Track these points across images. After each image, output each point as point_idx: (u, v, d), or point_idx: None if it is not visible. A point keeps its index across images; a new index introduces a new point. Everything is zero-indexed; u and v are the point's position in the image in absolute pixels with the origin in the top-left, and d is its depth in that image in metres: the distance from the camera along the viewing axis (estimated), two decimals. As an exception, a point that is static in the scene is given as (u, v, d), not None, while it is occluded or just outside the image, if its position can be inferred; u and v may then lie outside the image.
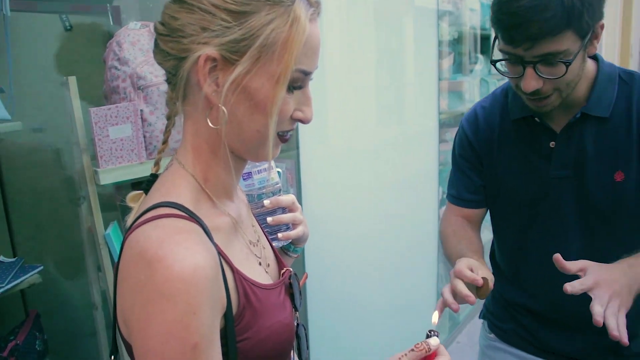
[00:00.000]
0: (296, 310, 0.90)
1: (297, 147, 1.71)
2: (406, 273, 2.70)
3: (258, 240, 0.88)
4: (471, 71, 3.76)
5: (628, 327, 1.23)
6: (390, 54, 2.41)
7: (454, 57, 3.48)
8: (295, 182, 1.71)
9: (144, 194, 0.80)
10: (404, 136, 2.54)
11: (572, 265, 1.05)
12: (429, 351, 0.78)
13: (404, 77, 2.55)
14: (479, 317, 1.57)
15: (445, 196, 1.48)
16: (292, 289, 0.89)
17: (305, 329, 0.94)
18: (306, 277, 1.01)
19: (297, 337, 0.90)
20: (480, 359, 1.53)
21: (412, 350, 0.78)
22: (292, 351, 0.88)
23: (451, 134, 3.49)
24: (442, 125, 2.97)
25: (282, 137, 0.77)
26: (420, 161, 2.75)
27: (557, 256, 1.05)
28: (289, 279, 0.89)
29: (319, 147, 1.89)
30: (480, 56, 3.95)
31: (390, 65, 2.40)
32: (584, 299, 1.21)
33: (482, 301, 1.59)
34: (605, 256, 1.16)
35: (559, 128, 1.18)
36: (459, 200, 1.39)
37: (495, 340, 1.46)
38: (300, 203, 1.81)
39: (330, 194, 1.99)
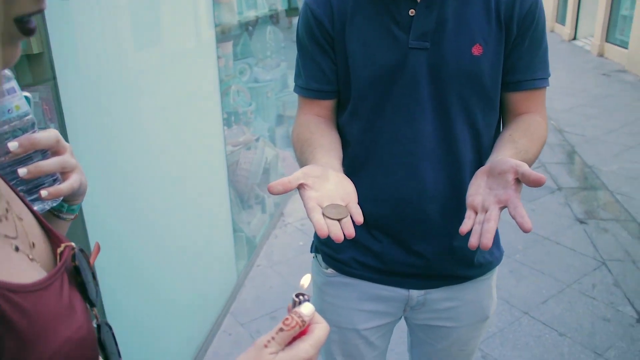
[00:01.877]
0: (92, 305, 0.61)
1: (53, 72, 1.30)
2: (199, 203, 2.46)
3: (7, 210, 0.56)
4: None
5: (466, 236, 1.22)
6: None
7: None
8: (56, 116, 1.31)
9: None
10: (177, 54, 2.21)
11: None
12: (303, 325, 0.57)
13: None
14: (311, 252, 1.41)
15: (294, 89, 1.29)
16: (79, 274, 0.59)
17: (111, 329, 0.65)
18: (98, 250, 0.70)
19: (101, 346, 0.61)
20: (318, 300, 1.37)
21: (281, 329, 0.57)
22: None
23: (222, 49, 3.23)
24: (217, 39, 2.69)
25: (23, 24, 0.43)
26: (199, 79, 2.46)
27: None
28: (73, 260, 0.59)
29: (78, 73, 1.49)
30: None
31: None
32: (431, 196, 1.15)
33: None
34: (458, 141, 1.15)
35: None
36: (307, 90, 1.25)
37: (334, 275, 1.32)
38: (66, 141, 1.43)
39: (103, 130, 1.62)
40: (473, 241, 0.91)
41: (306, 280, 0.63)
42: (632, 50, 9.01)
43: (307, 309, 0.59)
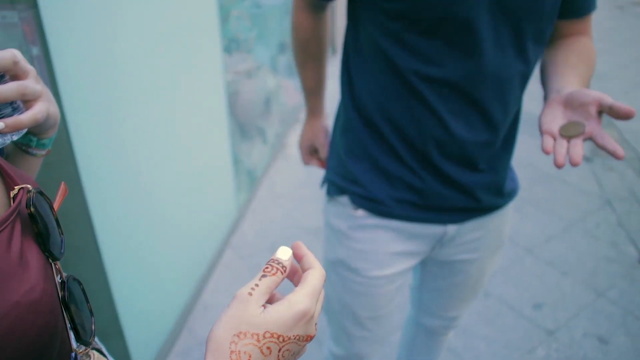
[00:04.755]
0: (55, 259, 0.53)
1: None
2: (198, 134, 2.37)
3: None
4: None
5: (504, 170, 1.24)
6: None
7: None
8: (38, 38, 1.20)
9: None
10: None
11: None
12: (284, 270, 0.52)
13: None
14: (328, 194, 1.31)
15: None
16: (36, 222, 0.51)
17: (80, 284, 0.57)
18: (65, 192, 0.61)
19: (66, 307, 0.53)
20: (343, 249, 1.28)
21: (264, 275, 0.51)
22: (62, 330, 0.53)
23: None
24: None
25: None
26: (196, 3, 2.31)
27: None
28: (29, 205, 0.50)
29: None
30: None
31: None
32: (472, 124, 1.11)
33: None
34: (512, 77, 1.09)
35: None
36: None
37: (365, 217, 1.22)
38: (50, 66, 1.31)
39: (91, 54, 1.51)
40: (560, 159, 0.90)
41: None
42: (649, -19, 8.66)
43: (283, 253, 0.54)
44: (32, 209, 0.50)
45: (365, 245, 1.24)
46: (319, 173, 3.48)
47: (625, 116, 0.85)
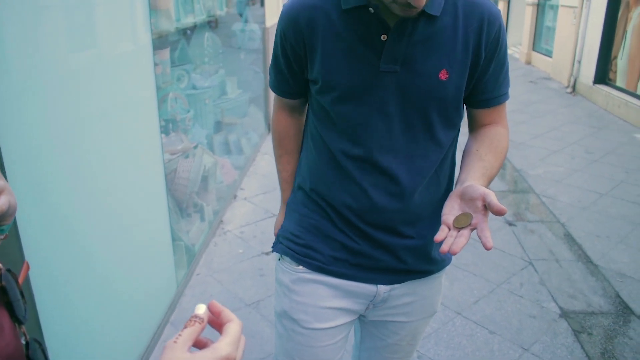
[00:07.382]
0: (20, 323, 0.63)
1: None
2: (137, 213, 2.44)
3: None
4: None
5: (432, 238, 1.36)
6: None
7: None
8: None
9: None
10: (113, 61, 2.19)
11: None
12: (201, 321, 0.64)
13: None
14: (277, 252, 1.44)
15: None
16: (7, 294, 0.61)
17: (40, 345, 0.66)
18: (27, 268, 0.71)
19: None
20: (287, 301, 1.40)
21: (185, 327, 0.63)
22: None
23: (159, 56, 3.20)
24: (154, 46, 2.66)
25: None
26: (135, 86, 2.43)
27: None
28: (1, 280, 0.62)
29: (6, 79, 1.46)
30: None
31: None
32: (405, 198, 1.28)
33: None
34: (424, 155, 1.27)
35: (393, 22, 1.16)
36: (276, 89, 1.41)
37: (305, 271, 1.37)
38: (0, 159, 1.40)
39: (35, 139, 1.59)
40: (444, 248, 1.06)
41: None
42: (556, 59, 9.50)
43: (198, 309, 0.66)
44: (3, 283, 0.60)
45: (305, 298, 1.37)
46: (256, 248, 3.57)
47: (497, 213, 1.03)
